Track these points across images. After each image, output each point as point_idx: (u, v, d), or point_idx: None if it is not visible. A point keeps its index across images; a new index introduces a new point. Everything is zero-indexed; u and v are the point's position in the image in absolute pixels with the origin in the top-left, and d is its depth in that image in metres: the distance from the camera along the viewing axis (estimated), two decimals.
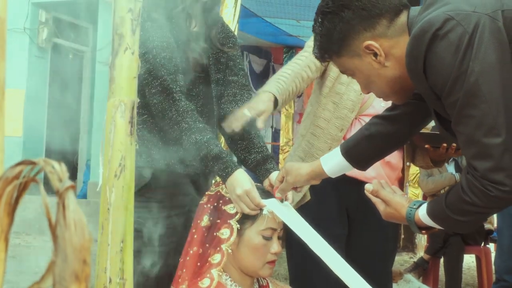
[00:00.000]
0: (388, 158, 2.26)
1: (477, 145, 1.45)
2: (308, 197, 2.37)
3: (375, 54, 1.61)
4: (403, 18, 1.61)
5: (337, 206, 2.40)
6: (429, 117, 1.84)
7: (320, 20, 1.67)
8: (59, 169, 0.50)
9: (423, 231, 1.69)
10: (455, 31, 1.43)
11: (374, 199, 1.74)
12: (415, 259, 7.28)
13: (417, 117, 1.86)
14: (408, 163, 2.51)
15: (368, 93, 1.75)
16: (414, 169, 6.28)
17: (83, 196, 8.70)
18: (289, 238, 2.37)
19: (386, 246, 2.50)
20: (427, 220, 1.63)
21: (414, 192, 7.54)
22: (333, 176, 1.96)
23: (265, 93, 2.13)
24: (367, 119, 2.39)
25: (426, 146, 2.36)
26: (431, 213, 1.61)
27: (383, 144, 1.92)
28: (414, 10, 1.62)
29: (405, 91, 1.68)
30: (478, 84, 1.41)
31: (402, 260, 7.30)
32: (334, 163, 1.92)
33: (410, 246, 7.99)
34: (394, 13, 1.60)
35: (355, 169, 2.01)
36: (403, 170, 2.51)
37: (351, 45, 1.63)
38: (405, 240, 7.81)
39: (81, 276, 0.49)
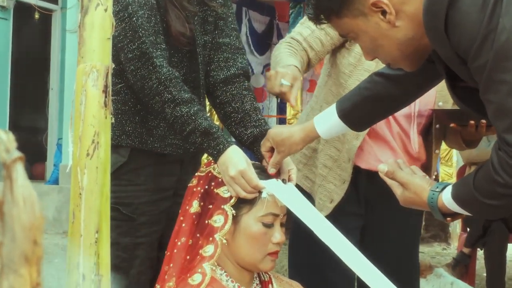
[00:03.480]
0: (408, 145, 2.35)
1: (510, 115, 1.46)
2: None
3: (384, 12, 1.59)
4: None
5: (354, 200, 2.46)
6: (437, 79, 1.88)
7: None
8: (6, 139, 0.52)
9: (448, 218, 1.70)
10: None
11: (390, 182, 1.75)
12: (449, 250, 7.30)
13: (424, 79, 1.88)
14: (437, 151, 2.48)
15: (372, 59, 1.75)
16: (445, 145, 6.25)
17: (55, 181, 8.68)
18: (294, 225, 2.42)
19: (406, 234, 2.54)
20: (452, 205, 1.64)
21: (447, 171, 7.54)
22: (327, 138, 2.11)
23: (289, 66, 2.17)
24: None
25: (452, 125, 2.33)
26: (456, 197, 1.62)
27: (385, 107, 1.98)
28: None
29: (419, 55, 1.67)
30: (511, 43, 1.42)
31: (434, 251, 7.32)
32: (329, 125, 1.98)
33: (443, 236, 7.91)
34: None
35: (369, 161, 2.24)
36: (428, 160, 2.50)
37: (355, 3, 1.61)
38: (436, 228, 7.78)
39: (32, 257, 0.51)
